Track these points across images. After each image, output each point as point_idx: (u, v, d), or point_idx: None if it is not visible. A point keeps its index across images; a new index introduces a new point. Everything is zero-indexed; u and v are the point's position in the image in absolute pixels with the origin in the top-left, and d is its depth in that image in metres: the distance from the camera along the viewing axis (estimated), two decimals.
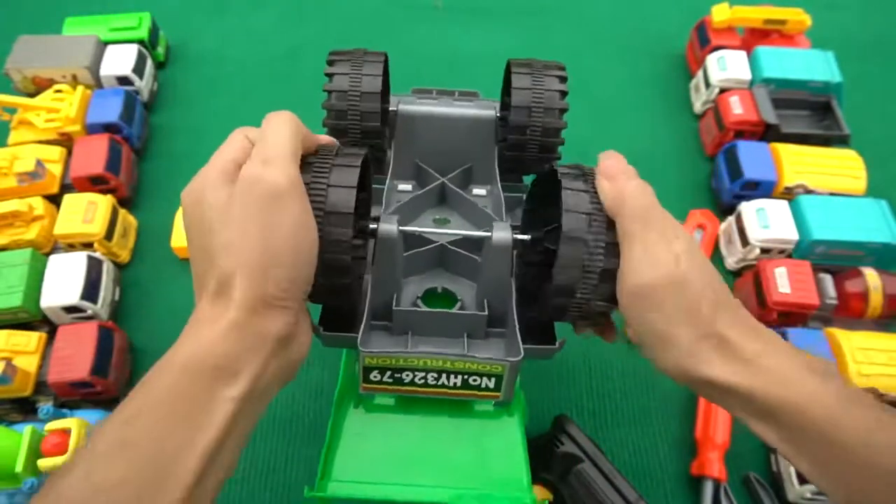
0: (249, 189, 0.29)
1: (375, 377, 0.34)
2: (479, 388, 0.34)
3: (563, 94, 0.42)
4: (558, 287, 0.32)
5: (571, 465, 0.48)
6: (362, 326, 0.34)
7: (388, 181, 0.44)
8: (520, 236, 0.34)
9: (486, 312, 0.35)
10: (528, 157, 0.43)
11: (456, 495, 0.34)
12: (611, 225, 0.32)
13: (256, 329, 0.28)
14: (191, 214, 0.30)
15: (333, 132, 0.43)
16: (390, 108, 0.45)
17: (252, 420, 0.29)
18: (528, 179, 0.47)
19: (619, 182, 0.32)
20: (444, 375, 0.33)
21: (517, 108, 0.41)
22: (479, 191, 0.46)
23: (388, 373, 0.33)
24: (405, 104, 0.44)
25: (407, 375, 0.33)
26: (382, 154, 0.46)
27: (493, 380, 0.33)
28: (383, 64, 0.42)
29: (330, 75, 0.42)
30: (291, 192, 0.29)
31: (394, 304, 0.35)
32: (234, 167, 0.30)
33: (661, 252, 0.30)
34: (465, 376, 0.33)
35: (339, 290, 0.32)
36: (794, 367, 0.30)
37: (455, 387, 0.34)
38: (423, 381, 0.34)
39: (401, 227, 0.33)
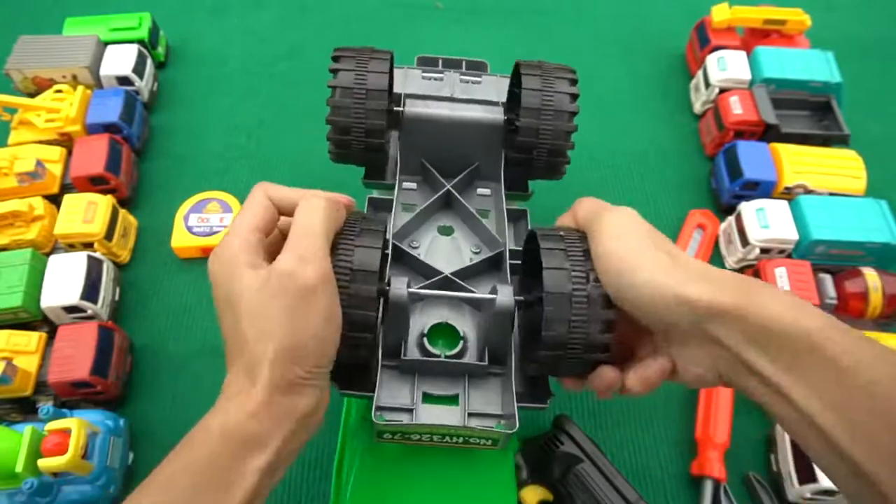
0: (284, 284, 0.31)
1: (387, 437, 0.37)
2: (478, 444, 0.37)
3: (574, 97, 0.42)
4: (547, 342, 0.33)
5: (571, 465, 0.48)
6: (377, 388, 0.36)
7: (398, 179, 0.44)
8: (519, 297, 0.36)
9: (486, 363, 0.37)
10: (537, 160, 0.43)
11: None
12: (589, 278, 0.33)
13: (284, 407, 0.31)
14: (220, 288, 0.32)
15: (337, 130, 0.43)
16: (395, 93, 0.45)
17: (273, 484, 0.31)
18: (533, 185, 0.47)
19: (585, 205, 0.37)
20: (446, 437, 0.36)
21: (526, 110, 0.41)
22: (483, 190, 0.46)
23: (398, 434, 0.36)
24: (411, 106, 0.44)
25: (415, 436, 0.37)
26: (385, 154, 0.46)
27: (489, 440, 0.36)
28: (389, 62, 0.42)
29: (335, 71, 0.42)
30: (323, 288, 0.31)
31: (402, 353, 0.38)
32: (259, 237, 0.33)
33: (619, 223, 0.34)
34: (466, 438, 0.36)
35: (362, 344, 0.34)
36: (764, 290, 0.30)
37: (457, 443, 0.37)
38: (428, 439, 0.37)
39: (409, 290, 0.35)
